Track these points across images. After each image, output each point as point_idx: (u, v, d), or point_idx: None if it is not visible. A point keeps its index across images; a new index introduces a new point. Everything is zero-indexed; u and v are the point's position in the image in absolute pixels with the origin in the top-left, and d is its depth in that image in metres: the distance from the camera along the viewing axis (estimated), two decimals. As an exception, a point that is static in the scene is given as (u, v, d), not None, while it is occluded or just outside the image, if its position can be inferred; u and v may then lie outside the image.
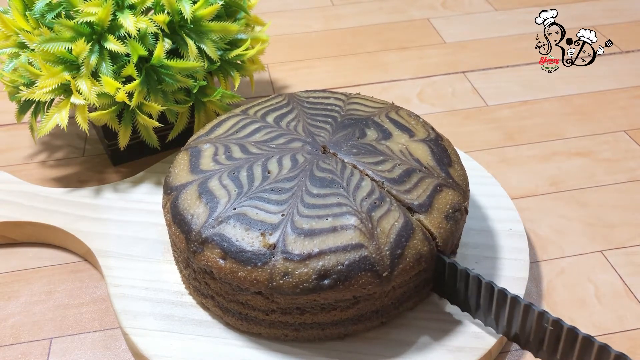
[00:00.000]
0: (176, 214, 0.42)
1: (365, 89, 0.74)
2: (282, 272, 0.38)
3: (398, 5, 0.91)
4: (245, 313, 0.42)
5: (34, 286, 0.50)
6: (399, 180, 0.43)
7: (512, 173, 0.60)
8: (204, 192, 0.42)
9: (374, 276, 0.38)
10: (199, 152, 0.46)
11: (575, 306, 0.48)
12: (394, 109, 0.51)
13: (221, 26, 0.54)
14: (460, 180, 0.45)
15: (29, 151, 0.64)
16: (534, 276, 0.50)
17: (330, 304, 0.40)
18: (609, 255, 0.52)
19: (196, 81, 0.54)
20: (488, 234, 0.50)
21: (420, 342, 0.42)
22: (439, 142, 0.47)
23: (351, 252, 0.38)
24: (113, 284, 0.46)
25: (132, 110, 0.53)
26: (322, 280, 0.38)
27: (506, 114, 0.69)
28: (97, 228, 0.51)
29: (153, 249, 0.49)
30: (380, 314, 0.42)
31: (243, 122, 0.49)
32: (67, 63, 0.50)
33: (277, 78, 0.76)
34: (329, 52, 0.81)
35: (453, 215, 0.42)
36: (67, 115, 0.52)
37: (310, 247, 0.39)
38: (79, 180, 0.60)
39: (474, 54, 0.80)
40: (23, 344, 0.46)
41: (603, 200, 0.57)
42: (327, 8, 0.92)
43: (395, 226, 0.40)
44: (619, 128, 0.66)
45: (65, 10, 0.51)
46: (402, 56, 0.80)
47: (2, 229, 0.53)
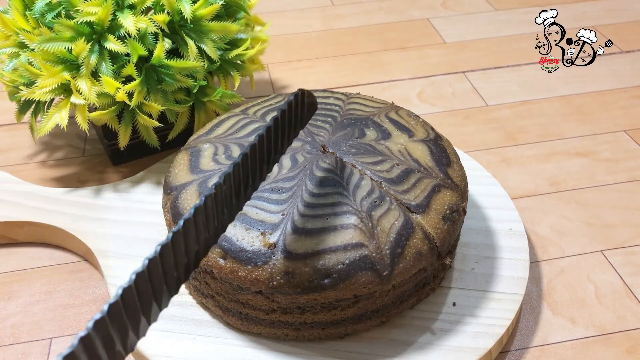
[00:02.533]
0: (176, 213, 0.42)
1: (365, 88, 0.74)
2: (283, 272, 0.38)
3: (398, 5, 0.91)
4: (245, 312, 0.42)
5: (34, 286, 0.50)
6: (397, 180, 0.43)
7: (512, 173, 0.60)
8: (204, 191, 0.42)
9: (375, 275, 0.38)
10: (198, 152, 0.46)
11: (575, 306, 0.48)
12: (394, 109, 0.51)
13: (221, 26, 0.54)
14: (458, 180, 0.45)
15: (29, 151, 0.64)
16: (534, 276, 0.50)
17: (331, 303, 0.40)
18: (609, 255, 0.52)
19: (196, 81, 0.54)
20: (488, 234, 0.50)
21: (420, 342, 0.42)
22: (438, 143, 0.47)
23: (351, 251, 0.38)
24: (113, 284, 0.46)
25: (132, 110, 0.53)
26: (323, 279, 0.38)
27: (506, 114, 0.69)
28: (97, 228, 0.51)
29: (153, 249, 0.49)
30: (380, 313, 0.42)
31: (243, 121, 0.49)
32: (67, 63, 0.50)
33: (277, 78, 0.76)
34: (329, 52, 0.81)
35: (450, 215, 0.42)
36: (67, 115, 0.52)
37: (311, 246, 0.39)
38: (79, 180, 0.60)
39: (474, 54, 0.80)
40: (23, 344, 0.46)
41: (603, 200, 0.57)
42: (327, 8, 0.92)
43: (395, 225, 0.40)
44: (619, 128, 0.66)
45: (65, 10, 0.51)
46: (402, 56, 0.80)
47: (2, 229, 0.53)
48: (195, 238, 0.32)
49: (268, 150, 0.37)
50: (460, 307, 0.44)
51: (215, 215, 0.34)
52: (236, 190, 0.35)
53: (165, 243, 0.31)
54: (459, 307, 0.44)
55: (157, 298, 0.31)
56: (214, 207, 0.33)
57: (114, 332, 0.28)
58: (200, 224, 0.33)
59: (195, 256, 0.33)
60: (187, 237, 0.32)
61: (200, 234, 0.33)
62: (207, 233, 0.33)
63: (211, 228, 0.34)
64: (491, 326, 0.43)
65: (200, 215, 0.32)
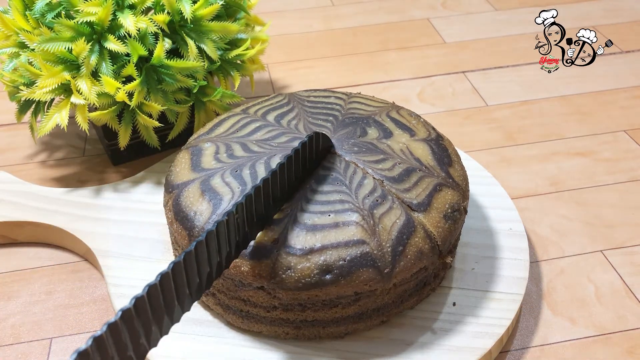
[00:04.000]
0: (179, 211, 0.42)
1: (366, 88, 0.74)
2: (285, 267, 0.38)
3: (398, 5, 0.91)
4: (246, 310, 0.42)
5: (34, 286, 0.50)
6: (398, 179, 0.43)
7: (512, 173, 0.60)
8: (207, 189, 0.42)
9: (376, 272, 0.38)
10: (200, 151, 0.46)
11: (575, 306, 0.48)
12: (395, 109, 0.51)
13: (221, 26, 0.54)
14: (460, 180, 0.45)
15: (29, 151, 0.64)
16: (534, 276, 0.50)
17: (332, 301, 0.40)
18: (609, 255, 0.52)
19: (196, 81, 0.54)
20: (488, 234, 0.50)
21: (420, 342, 0.42)
22: (439, 142, 0.47)
23: (353, 247, 0.39)
24: (113, 284, 0.46)
25: (132, 110, 0.53)
26: (324, 275, 0.38)
27: (506, 114, 0.69)
28: (97, 228, 0.51)
29: (153, 248, 0.49)
30: (381, 312, 0.42)
31: (243, 121, 0.49)
32: (67, 63, 0.50)
33: (277, 78, 0.76)
34: (329, 52, 0.81)
35: (452, 214, 0.42)
36: (67, 115, 0.52)
37: (313, 242, 0.39)
38: (79, 180, 0.60)
39: (474, 54, 0.80)
40: (23, 344, 0.46)
41: (603, 200, 0.57)
42: (327, 8, 0.92)
43: (397, 224, 0.40)
44: (619, 128, 0.66)
45: (65, 10, 0.51)
46: (402, 56, 0.80)
47: (2, 229, 0.53)
48: (206, 259, 0.35)
49: (282, 184, 0.40)
50: (460, 307, 0.44)
51: (227, 240, 0.36)
52: (247, 220, 0.37)
53: (178, 261, 0.32)
54: (459, 307, 0.45)
55: (169, 312, 0.33)
56: (227, 233, 0.36)
57: (128, 336, 0.29)
58: (212, 248, 0.35)
59: (208, 277, 0.35)
60: (198, 257, 0.34)
61: (212, 257, 0.35)
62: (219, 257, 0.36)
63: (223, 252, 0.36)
64: (491, 326, 0.43)
65: (206, 245, 0.34)
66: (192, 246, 0.33)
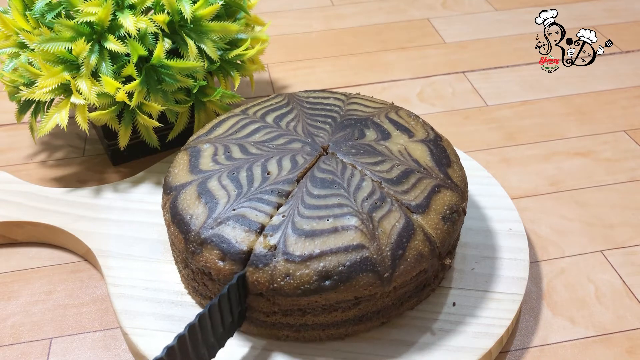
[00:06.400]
0: (175, 214, 0.42)
1: (365, 89, 0.74)
2: (284, 274, 0.38)
3: (398, 5, 0.91)
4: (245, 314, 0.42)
5: (34, 286, 0.50)
6: (397, 180, 0.43)
7: (512, 173, 0.60)
8: (203, 192, 0.42)
9: (375, 277, 0.38)
10: (198, 152, 0.46)
11: (575, 306, 0.48)
12: (394, 109, 0.51)
13: (221, 26, 0.54)
14: (458, 181, 0.45)
15: (29, 151, 0.64)
16: (534, 276, 0.50)
17: (332, 305, 0.40)
18: (609, 255, 0.52)
19: (196, 81, 0.54)
20: (488, 234, 0.50)
21: (420, 342, 0.42)
22: (438, 143, 0.47)
23: (352, 252, 0.38)
24: (113, 284, 0.46)
25: (132, 110, 0.53)
26: (324, 281, 0.38)
27: (506, 114, 0.69)
28: (97, 228, 0.51)
29: (153, 249, 0.49)
30: (381, 314, 0.42)
31: (243, 122, 0.49)
32: (67, 63, 0.50)
33: (277, 78, 0.76)
34: (329, 52, 0.81)
35: (450, 216, 0.42)
36: (67, 115, 0.52)
37: (311, 248, 0.38)
38: (79, 180, 0.60)
39: (474, 54, 0.80)
40: (23, 344, 0.46)
41: (603, 200, 0.57)
42: (327, 8, 0.92)
43: (396, 227, 0.40)
44: (619, 128, 0.66)
45: (65, 10, 0.51)
46: (402, 56, 0.80)
47: (2, 229, 0.53)
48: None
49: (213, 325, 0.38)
50: (460, 307, 0.44)
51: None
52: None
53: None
54: (459, 307, 0.44)
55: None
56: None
57: None
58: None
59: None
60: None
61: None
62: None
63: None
64: (491, 326, 0.43)
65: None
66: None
